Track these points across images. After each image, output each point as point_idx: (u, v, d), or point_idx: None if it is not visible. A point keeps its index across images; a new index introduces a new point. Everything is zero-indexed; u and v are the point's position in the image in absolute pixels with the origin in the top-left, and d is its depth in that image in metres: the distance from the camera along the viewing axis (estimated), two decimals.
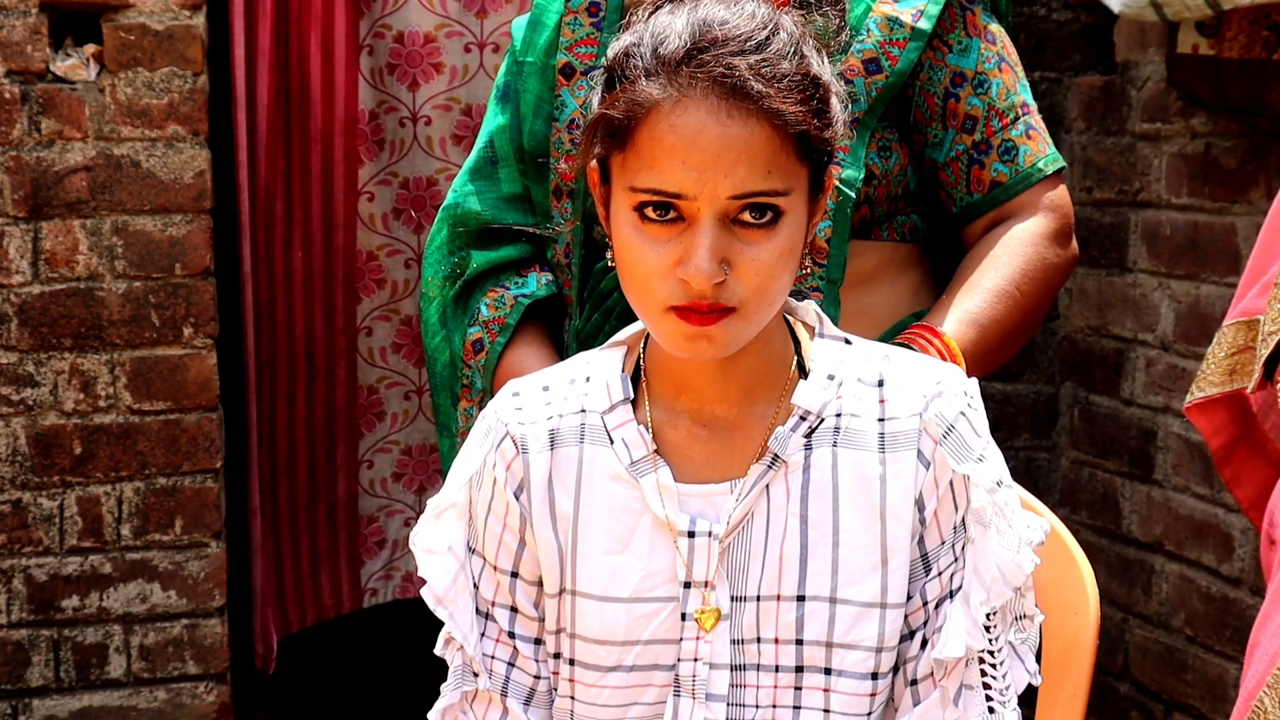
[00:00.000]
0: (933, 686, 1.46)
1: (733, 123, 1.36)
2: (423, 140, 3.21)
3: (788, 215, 1.39)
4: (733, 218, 1.38)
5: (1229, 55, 2.65)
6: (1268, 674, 1.49)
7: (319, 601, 3.32)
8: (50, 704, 2.86)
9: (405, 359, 3.30)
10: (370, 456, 3.31)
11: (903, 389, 1.47)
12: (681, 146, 1.37)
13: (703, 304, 1.38)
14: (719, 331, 1.39)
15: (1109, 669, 3.18)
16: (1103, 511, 3.21)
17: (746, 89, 1.36)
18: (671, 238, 1.38)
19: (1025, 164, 1.96)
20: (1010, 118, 1.96)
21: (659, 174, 1.37)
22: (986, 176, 1.95)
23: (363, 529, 3.34)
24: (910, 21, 1.91)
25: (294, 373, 3.19)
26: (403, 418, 3.31)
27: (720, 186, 1.36)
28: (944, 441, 1.44)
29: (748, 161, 1.36)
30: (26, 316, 2.78)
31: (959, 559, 1.46)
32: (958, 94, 1.95)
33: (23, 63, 2.73)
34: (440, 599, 1.51)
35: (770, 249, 1.38)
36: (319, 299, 3.20)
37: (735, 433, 1.48)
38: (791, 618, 1.45)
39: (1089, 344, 3.24)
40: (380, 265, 3.23)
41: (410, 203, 3.24)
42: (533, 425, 1.51)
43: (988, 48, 1.97)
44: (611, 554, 1.48)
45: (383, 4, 3.13)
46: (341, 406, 3.26)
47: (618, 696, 1.48)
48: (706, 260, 1.36)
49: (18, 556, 2.82)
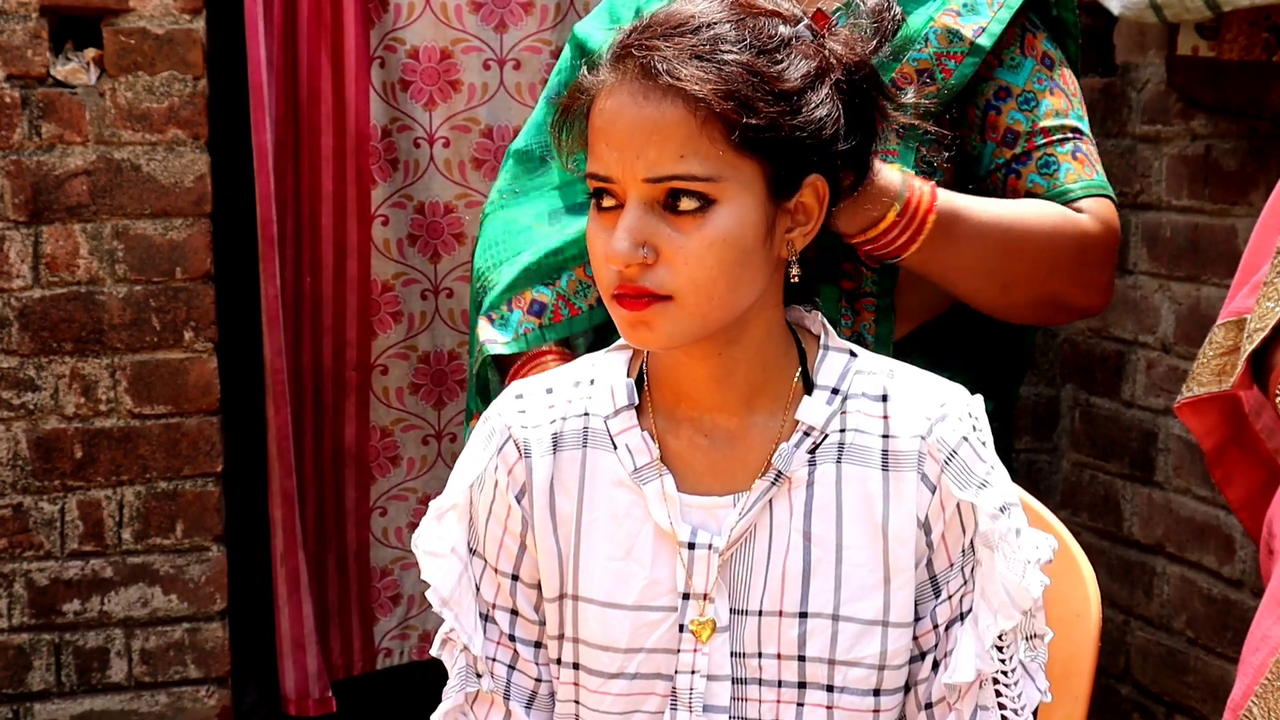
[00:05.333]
0: (948, 710, 1.46)
1: (647, 104, 1.36)
2: (440, 163, 3.08)
3: (723, 205, 1.37)
4: (662, 204, 1.37)
5: (1229, 57, 2.65)
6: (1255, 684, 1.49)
7: (329, 661, 3.14)
8: (51, 708, 2.85)
9: (424, 400, 3.16)
10: (383, 503, 3.17)
11: (906, 408, 1.46)
12: (605, 129, 1.38)
13: (629, 288, 1.38)
14: (656, 319, 1.39)
15: (1110, 671, 3.18)
16: (1104, 513, 3.21)
17: (657, 69, 1.36)
18: (614, 224, 1.39)
19: (1066, 180, 1.90)
20: (1058, 137, 1.91)
21: (593, 158, 1.40)
22: (1022, 186, 1.91)
23: (375, 582, 3.18)
24: (971, 36, 1.89)
25: (301, 405, 3.08)
26: (420, 464, 3.18)
27: (636, 168, 1.36)
28: (947, 468, 1.43)
29: (658, 143, 1.36)
30: (27, 320, 2.78)
31: (968, 581, 1.46)
32: (999, 107, 1.92)
33: (23, 67, 2.73)
34: (445, 600, 1.51)
35: (700, 238, 1.37)
36: (328, 329, 3.08)
37: (737, 444, 1.48)
38: (794, 634, 1.45)
39: (1090, 346, 3.24)
40: (396, 296, 3.11)
41: (427, 229, 3.10)
42: (535, 429, 1.51)
43: (1041, 69, 1.93)
44: (615, 560, 1.48)
45: (394, 15, 3.00)
46: (350, 447, 3.12)
47: (620, 704, 1.48)
48: (622, 240, 1.36)
49: (19, 560, 2.82)
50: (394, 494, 3.17)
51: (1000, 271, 1.84)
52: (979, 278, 1.85)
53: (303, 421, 3.10)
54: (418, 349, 3.15)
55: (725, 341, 1.44)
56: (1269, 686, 1.49)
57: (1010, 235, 1.83)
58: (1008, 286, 1.86)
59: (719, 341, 1.44)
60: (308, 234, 3.05)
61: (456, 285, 3.17)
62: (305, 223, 3.05)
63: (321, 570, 3.14)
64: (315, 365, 3.09)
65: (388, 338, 3.12)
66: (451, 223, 3.11)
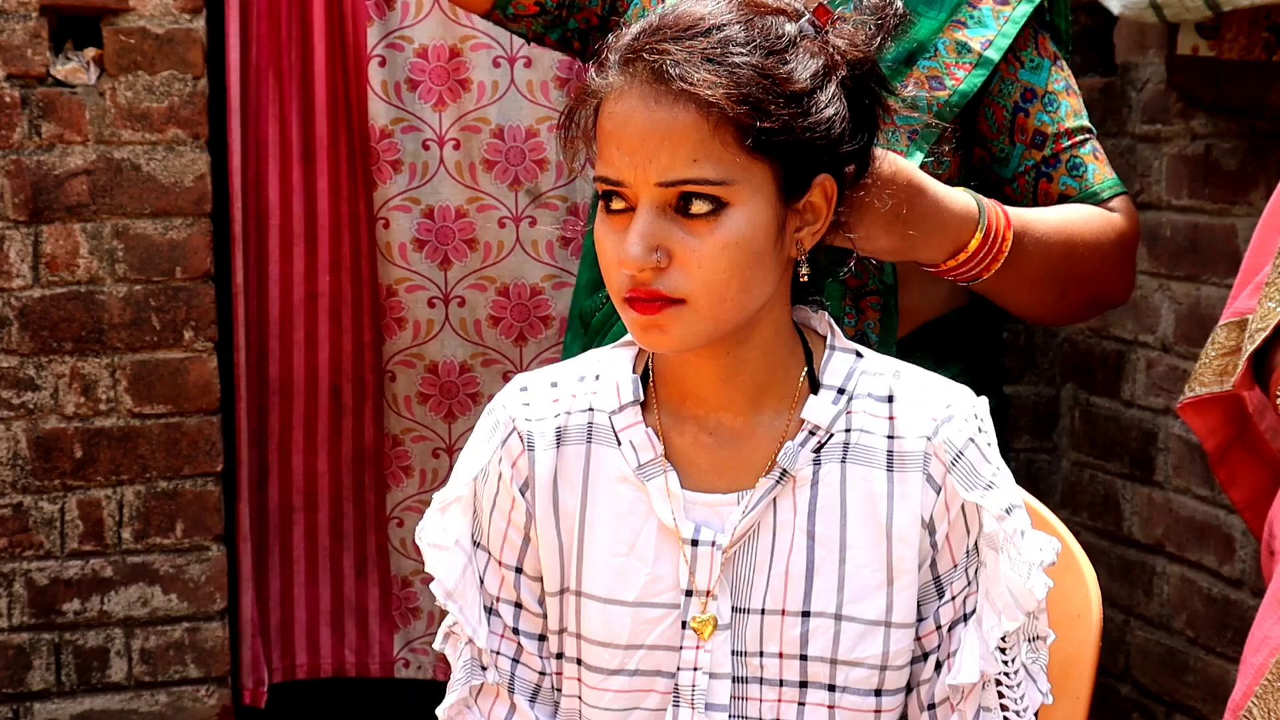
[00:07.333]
0: (950, 711, 1.46)
1: (659, 108, 1.36)
2: (450, 165, 3.03)
3: (736, 208, 1.37)
4: (674, 207, 1.38)
5: (1229, 56, 2.64)
6: (1255, 685, 1.49)
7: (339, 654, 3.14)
8: (51, 707, 2.85)
9: (433, 411, 3.11)
10: (399, 514, 3.13)
11: (912, 409, 1.46)
12: (617, 133, 1.38)
13: (642, 292, 1.38)
14: (669, 323, 1.39)
15: (1110, 671, 3.18)
16: (1104, 513, 3.21)
17: (669, 73, 1.36)
18: (625, 227, 1.39)
19: (1095, 181, 1.96)
20: (1079, 139, 1.96)
21: (604, 162, 1.40)
22: (1055, 190, 1.95)
23: (395, 591, 3.15)
24: (979, 49, 1.91)
25: (314, 402, 3.06)
26: (431, 477, 3.12)
27: (649, 172, 1.36)
28: (953, 469, 1.44)
29: (671, 148, 1.36)
30: (27, 320, 2.78)
31: (972, 583, 1.46)
32: (1027, 109, 1.95)
33: (23, 66, 2.73)
34: (450, 593, 1.51)
35: (713, 241, 1.37)
36: (348, 330, 3.05)
37: (742, 443, 1.48)
38: (796, 633, 1.45)
39: (1089, 346, 3.24)
40: (400, 302, 3.05)
41: (436, 234, 3.04)
42: (539, 422, 1.51)
43: (1057, 71, 1.97)
44: (617, 556, 1.48)
45: (401, 13, 2.97)
46: (370, 450, 3.09)
47: (620, 700, 1.48)
48: (635, 244, 1.36)
49: (19, 560, 2.82)
50: (408, 505, 3.13)
51: (1061, 279, 1.89)
52: (1042, 288, 1.88)
53: (316, 417, 3.08)
54: (424, 358, 3.09)
55: (734, 341, 1.44)
56: (1269, 687, 1.49)
57: (1069, 242, 1.87)
58: (1065, 292, 1.91)
59: (727, 341, 1.44)
60: (327, 234, 3.01)
61: (469, 293, 3.10)
62: (322, 222, 3.02)
63: (337, 570, 3.12)
64: (335, 365, 3.06)
65: (394, 344, 3.08)
66: (463, 228, 3.05)
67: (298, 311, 3.05)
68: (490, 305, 3.10)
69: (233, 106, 2.92)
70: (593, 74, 1.43)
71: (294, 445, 3.09)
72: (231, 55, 2.90)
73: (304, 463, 3.10)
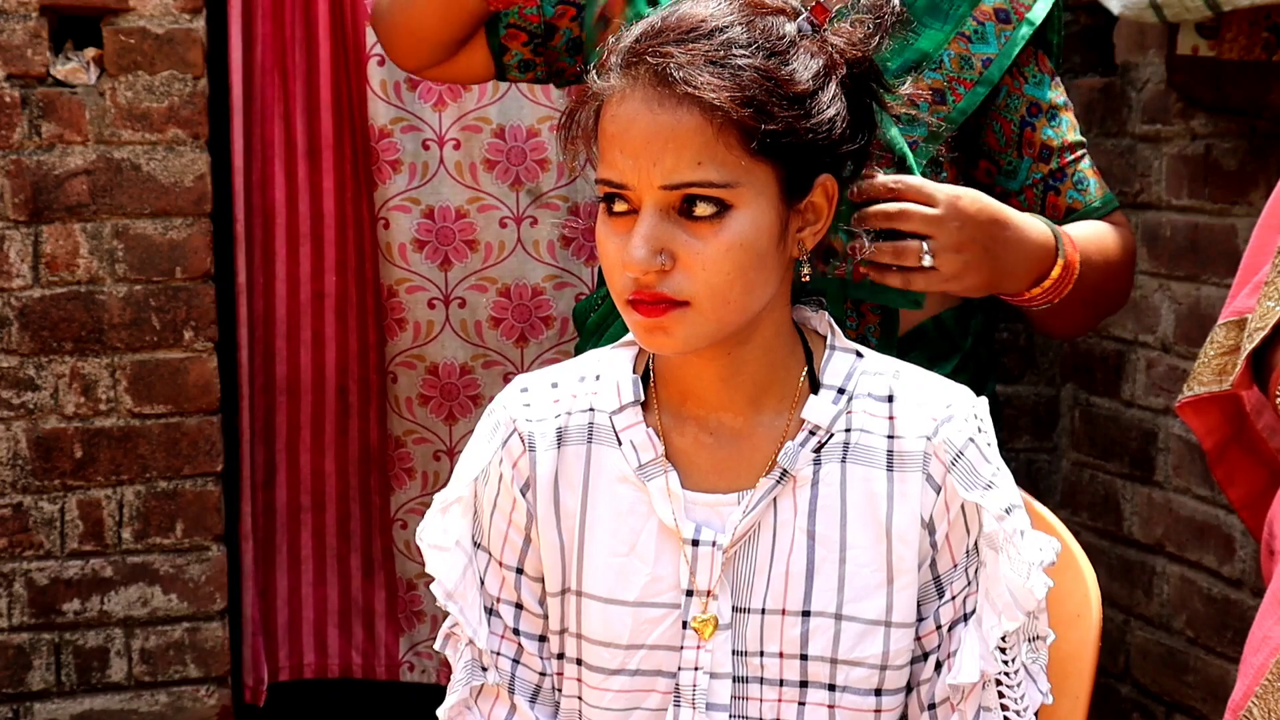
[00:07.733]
0: (950, 710, 1.46)
1: (663, 111, 1.36)
2: (450, 165, 3.01)
3: (739, 210, 1.38)
4: (678, 209, 1.38)
5: (1229, 56, 2.64)
6: (1255, 685, 1.49)
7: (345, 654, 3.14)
8: (51, 707, 2.85)
9: (434, 414, 3.09)
10: (403, 516, 3.12)
11: (912, 408, 1.47)
12: (620, 136, 1.38)
13: (646, 294, 1.38)
14: (673, 325, 1.39)
15: (1110, 670, 3.18)
16: (1103, 513, 3.21)
17: (673, 76, 1.36)
18: (627, 229, 1.39)
19: (1096, 194, 2.01)
20: (1080, 154, 2.01)
21: (606, 165, 1.40)
22: (1062, 203, 2.00)
23: (401, 594, 3.14)
24: (980, 66, 1.95)
25: (321, 401, 3.06)
26: (433, 479, 3.10)
27: (652, 175, 1.36)
28: (953, 469, 1.44)
29: (675, 150, 1.36)
30: (27, 320, 2.78)
31: (972, 583, 1.46)
32: (1034, 123, 1.99)
33: (23, 66, 2.73)
34: (450, 594, 1.51)
35: (717, 243, 1.37)
36: (353, 329, 3.05)
37: (743, 443, 1.48)
38: (796, 633, 1.45)
39: (1089, 346, 3.24)
40: (401, 303, 3.04)
41: (436, 235, 3.03)
42: (540, 422, 1.51)
43: (1056, 86, 2.02)
44: (618, 556, 1.48)
45: None
46: (375, 451, 3.09)
47: (621, 700, 1.48)
48: (640, 247, 1.36)
49: (18, 560, 2.82)
50: (410, 507, 3.12)
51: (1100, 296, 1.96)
52: (1089, 307, 1.96)
53: (323, 420, 3.07)
54: (425, 359, 3.08)
55: (735, 342, 1.45)
56: (1269, 688, 1.49)
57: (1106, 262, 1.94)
58: (1097, 307, 1.98)
59: (728, 342, 1.44)
60: (334, 233, 3.01)
61: (470, 295, 3.08)
62: (328, 222, 3.02)
63: (345, 570, 3.12)
64: (341, 365, 3.05)
65: (395, 345, 3.07)
66: (464, 228, 3.03)
67: (304, 311, 3.05)
68: (491, 306, 3.09)
69: (235, 106, 2.92)
70: (593, 76, 1.43)
71: (301, 444, 3.09)
72: (234, 55, 2.90)
73: (311, 462, 3.10)
